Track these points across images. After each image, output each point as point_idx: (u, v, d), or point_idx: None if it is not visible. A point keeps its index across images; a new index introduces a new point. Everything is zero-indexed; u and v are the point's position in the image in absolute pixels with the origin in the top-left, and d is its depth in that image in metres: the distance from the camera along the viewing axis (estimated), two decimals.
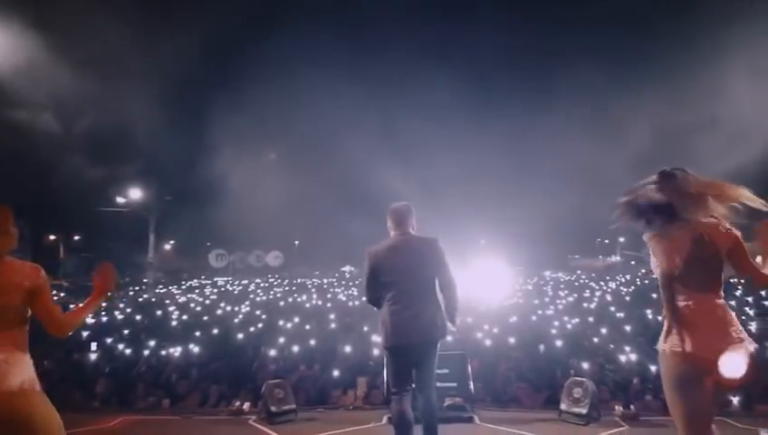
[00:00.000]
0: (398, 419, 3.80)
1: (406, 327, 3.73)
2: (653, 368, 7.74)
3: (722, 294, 2.64)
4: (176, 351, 9.46)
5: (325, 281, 33.19)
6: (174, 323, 13.88)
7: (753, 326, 11.61)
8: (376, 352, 8.76)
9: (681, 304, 2.63)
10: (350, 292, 24.15)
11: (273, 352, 9.07)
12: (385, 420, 5.37)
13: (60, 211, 38.27)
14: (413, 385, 3.89)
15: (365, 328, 11.48)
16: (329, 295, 22.08)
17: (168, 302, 20.58)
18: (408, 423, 3.78)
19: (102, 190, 27.17)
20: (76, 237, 46.69)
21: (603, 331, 10.99)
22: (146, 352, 9.53)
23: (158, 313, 15.99)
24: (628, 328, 11.44)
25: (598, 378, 7.04)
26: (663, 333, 2.68)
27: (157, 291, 26.81)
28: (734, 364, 2.44)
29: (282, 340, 10.20)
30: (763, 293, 20.24)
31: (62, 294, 25.66)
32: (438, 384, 5.02)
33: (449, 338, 4.35)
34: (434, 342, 3.79)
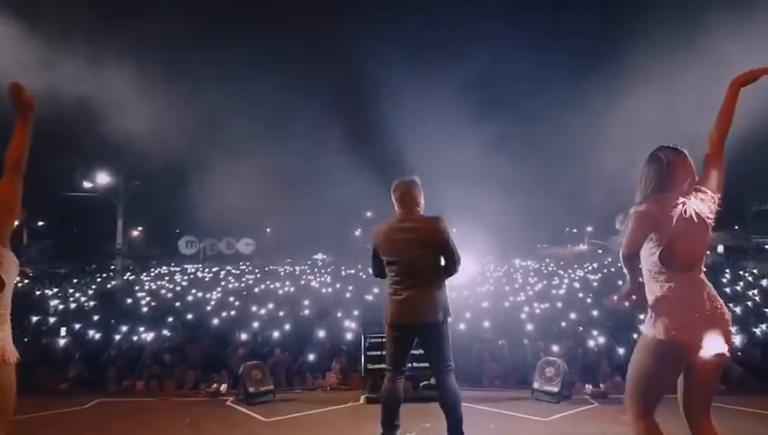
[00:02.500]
0: (386, 397, 3.81)
1: (404, 308, 3.71)
2: (620, 351, 8.04)
3: (704, 269, 2.61)
4: (148, 336, 9.39)
5: (297, 268, 33.13)
6: (145, 308, 13.75)
7: None
8: (349, 336, 8.85)
9: (665, 285, 2.56)
10: (323, 279, 24.20)
11: (247, 337, 9.08)
12: (362, 400, 5.45)
13: (23, 195, 37.07)
14: (408, 366, 3.95)
15: (338, 314, 11.57)
16: (302, 282, 22.09)
17: (137, 288, 20.32)
18: (394, 402, 3.79)
19: (68, 174, 26.42)
20: (40, 223, 45.46)
21: (572, 316, 11.30)
22: (117, 337, 9.45)
23: (129, 300, 15.77)
24: (595, 313, 11.79)
25: (567, 360, 7.25)
26: (648, 317, 2.61)
27: (125, 278, 26.34)
28: (716, 345, 2.47)
29: (256, 325, 10.22)
30: (723, 280, 21.05)
31: (25, 281, 25.02)
32: (414, 365, 5.14)
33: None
34: (432, 324, 3.69)
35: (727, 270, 26.22)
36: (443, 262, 3.81)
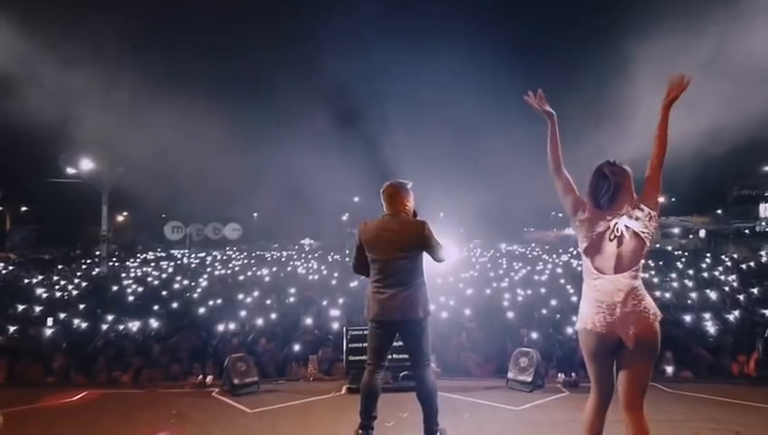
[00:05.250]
0: (364, 389, 3.99)
1: (384, 305, 3.88)
2: None
3: (636, 274, 2.85)
4: (134, 325, 9.49)
5: (284, 254, 33.23)
6: (131, 297, 13.80)
7: (693, 296, 12.48)
8: (335, 325, 9.01)
9: (592, 283, 2.89)
10: (310, 265, 24.32)
11: (234, 327, 9.20)
12: (344, 390, 5.63)
13: (6, 181, 36.74)
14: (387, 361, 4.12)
15: (324, 302, 11.72)
16: (288, 269, 22.20)
17: (123, 275, 20.32)
18: (372, 395, 3.97)
19: (52, 160, 26.11)
20: (23, 208, 45.02)
21: (553, 302, 11.52)
22: (104, 327, 9.53)
23: (114, 287, 15.81)
24: (575, 299, 12.02)
25: (545, 348, 7.48)
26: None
27: (111, 264, 26.28)
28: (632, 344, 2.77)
29: (243, 313, 10.32)
30: (702, 265, 21.49)
31: (10, 268, 24.88)
32: (394, 356, 5.32)
33: None
34: (413, 321, 3.87)
35: (708, 254, 26.74)
36: (426, 259, 3.99)
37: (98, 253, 29.36)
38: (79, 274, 21.66)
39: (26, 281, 16.33)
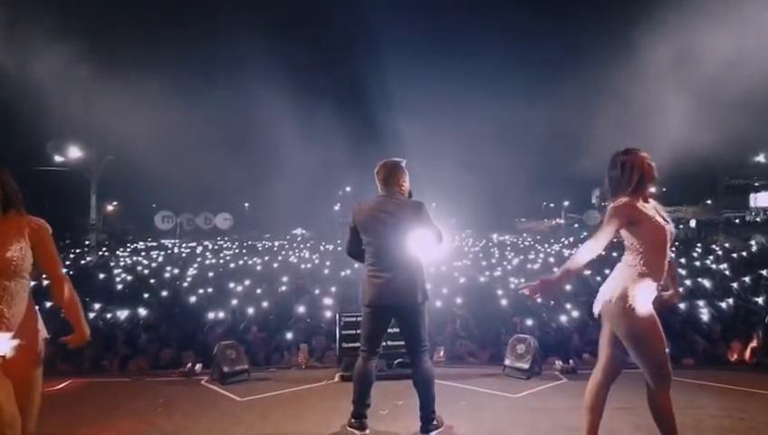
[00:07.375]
0: (358, 376, 3.87)
1: (381, 289, 3.75)
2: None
3: (625, 257, 3.11)
4: (123, 314, 9.31)
5: (276, 244, 33.05)
6: (120, 286, 13.59)
7: (687, 283, 12.46)
8: (328, 314, 8.89)
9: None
10: (302, 254, 24.15)
11: (224, 315, 9.04)
12: (337, 378, 5.51)
13: None
14: (382, 347, 4.01)
15: (316, 291, 11.58)
16: (280, 258, 22.02)
17: (113, 264, 20.07)
18: (366, 382, 3.85)
19: (39, 148, 25.73)
20: None
21: None
22: (91, 316, 9.33)
23: (102, 275, 15.56)
24: (568, 287, 11.93)
25: (539, 335, 7.38)
26: None
27: (100, 253, 25.97)
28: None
29: (234, 302, 10.17)
30: (694, 254, 21.58)
31: None
32: (389, 343, 5.20)
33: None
34: (411, 305, 3.76)
35: (699, 244, 26.84)
36: (423, 242, 3.85)
37: (87, 242, 29.01)
38: (67, 263, 21.34)
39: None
